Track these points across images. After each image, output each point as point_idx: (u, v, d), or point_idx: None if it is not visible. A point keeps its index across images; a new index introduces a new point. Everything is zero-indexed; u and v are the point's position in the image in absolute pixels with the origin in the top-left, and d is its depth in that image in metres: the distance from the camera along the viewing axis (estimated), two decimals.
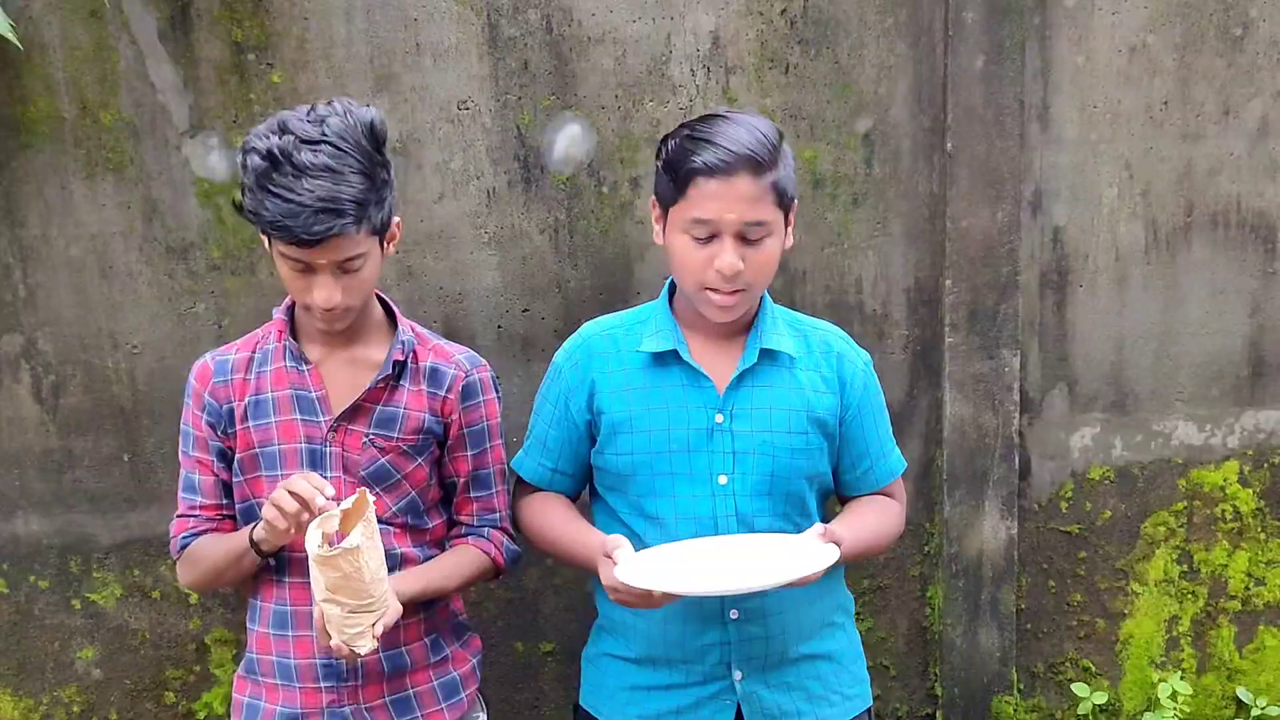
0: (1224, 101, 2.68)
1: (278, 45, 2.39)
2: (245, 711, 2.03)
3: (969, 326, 2.66)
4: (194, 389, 2.01)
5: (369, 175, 1.80)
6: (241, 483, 1.99)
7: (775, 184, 1.85)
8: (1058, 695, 2.93)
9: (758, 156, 1.83)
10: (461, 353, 2.07)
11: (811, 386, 2.00)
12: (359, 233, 1.80)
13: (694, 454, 1.96)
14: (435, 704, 2.05)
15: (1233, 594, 2.92)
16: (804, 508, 2.02)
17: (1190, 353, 2.79)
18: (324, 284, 1.83)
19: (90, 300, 2.42)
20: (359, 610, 1.75)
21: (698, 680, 2.00)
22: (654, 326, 2.02)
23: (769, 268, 1.92)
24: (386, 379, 1.97)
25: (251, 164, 1.76)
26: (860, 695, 2.12)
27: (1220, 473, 2.86)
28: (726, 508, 1.96)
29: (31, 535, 2.47)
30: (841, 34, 2.54)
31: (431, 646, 2.05)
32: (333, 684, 1.98)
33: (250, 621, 2.05)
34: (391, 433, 1.98)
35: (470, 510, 2.10)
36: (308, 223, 1.73)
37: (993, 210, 2.62)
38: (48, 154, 2.35)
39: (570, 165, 2.53)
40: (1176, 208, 2.72)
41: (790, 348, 2.00)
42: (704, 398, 1.97)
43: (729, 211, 1.83)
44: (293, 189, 1.73)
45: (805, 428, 1.98)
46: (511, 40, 2.46)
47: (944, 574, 2.77)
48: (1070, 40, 2.62)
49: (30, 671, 2.51)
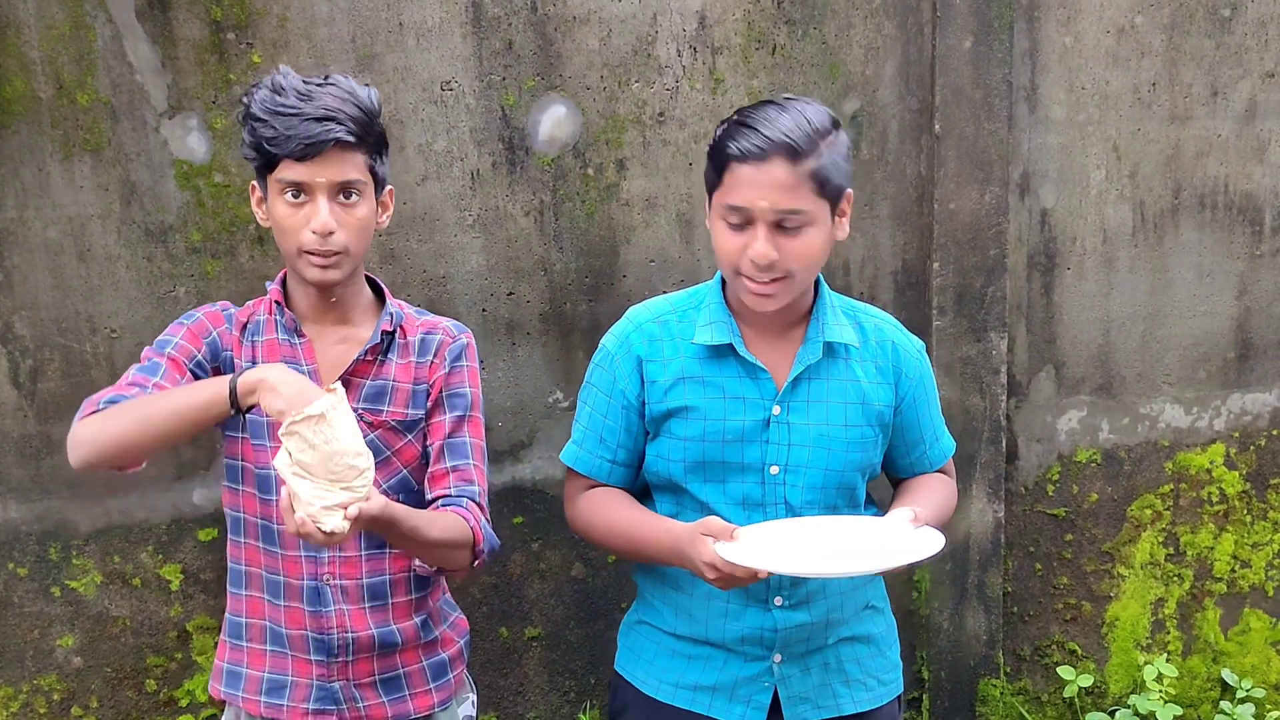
0: (1212, 83, 2.67)
1: (257, 24, 2.35)
2: (226, 678, 2.01)
3: (956, 309, 2.65)
4: (200, 321, 1.97)
5: (368, 117, 1.86)
6: (235, 439, 1.96)
7: (815, 172, 1.80)
8: (1044, 678, 2.93)
9: (794, 144, 1.78)
10: (447, 320, 2.06)
11: (868, 378, 1.98)
12: (357, 152, 1.84)
13: (747, 444, 1.93)
14: (424, 684, 2.04)
15: (1218, 576, 2.93)
16: (853, 498, 2.01)
17: (1177, 335, 2.79)
18: (322, 209, 1.83)
19: (68, 283, 2.38)
20: (330, 485, 1.67)
21: (738, 660, 1.98)
22: (708, 316, 1.97)
23: (810, 258, 1.86)
24: (375, 349, 1.95)
25: (257, 96, 1.82)
26: (894, 681, 2.10)
27: (1206, 455, 2.87)
28: (775, 496, 1.93)
29: (10, 522, 2.44)
30: (829, 14, 2.52)
31: (421, 627, 2.03)
32: (323, 658, 1.96)
33: (235, 586, 2.01)
34: (381, 406, 1.95)
35: (446, 482, 2.01)
36: (308, 128, 1.79)
37: (980, 192, 2.60)
38: (24, 135, 2.31)
39: (555, 147, 2.50)
40: (1164, 190, 2.71)
41: (851, 339, 1.97)
42: (761, 390, 1.93)
43: (761, 199, 1.79)
44: (296, 106, 1.80)
45: (861, 421, 1.96)
46: (496, 20, 2.42)
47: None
48: (1058, 21, 2.60)
49: (9, 660, 2.48)
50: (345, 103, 1.83)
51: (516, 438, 2.61)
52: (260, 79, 1.86)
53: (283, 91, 1.81)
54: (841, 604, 1.99)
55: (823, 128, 1.82)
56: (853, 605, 2.01)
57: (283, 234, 1.88)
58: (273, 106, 1.80)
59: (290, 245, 1.87)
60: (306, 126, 1.79)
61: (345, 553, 1.95)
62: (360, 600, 1.96)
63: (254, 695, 1.98)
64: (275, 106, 1.80)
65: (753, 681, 1.98)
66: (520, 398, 2.58)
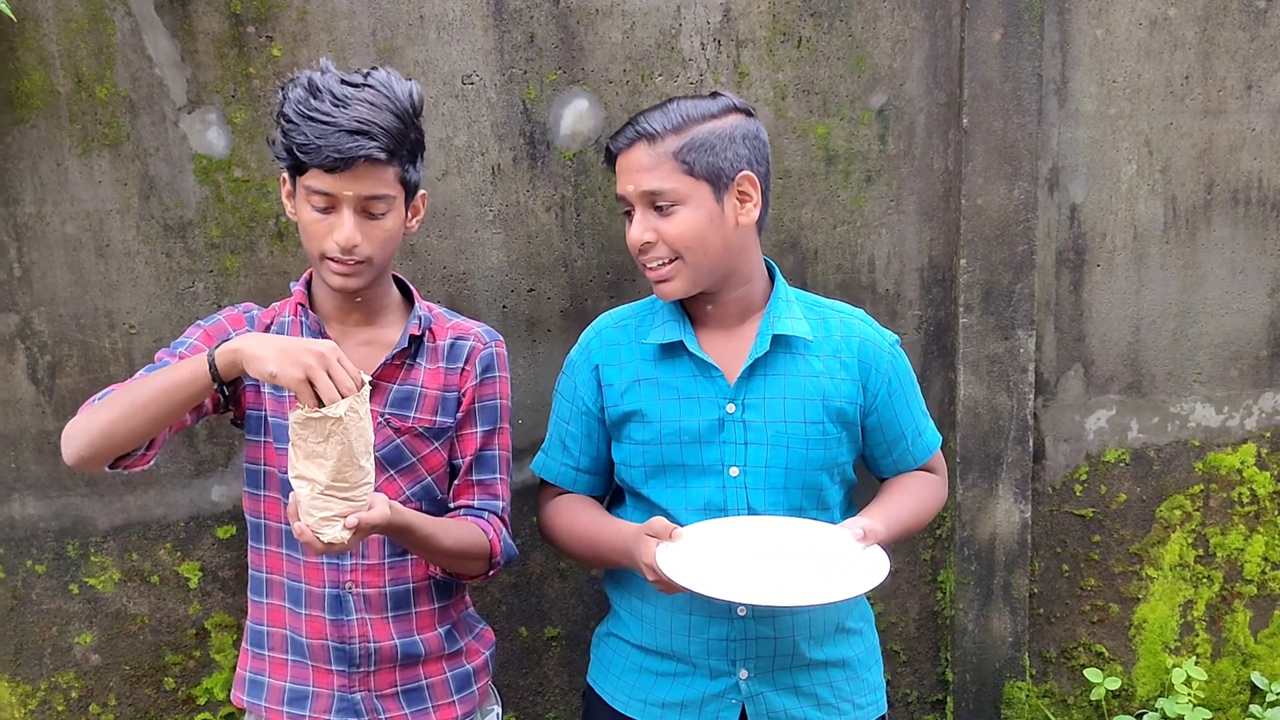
0: (1246, 76, 2.62)
1: (277, 17, 2.33)
2: (248, 686, 2.00)
3: (984, 306, 2.61)
4: (219, 323, 1.94)
5: (404, 125, 1.81)
6: (256, 443, 1.93)
7: (679, 152, 1.88)
8: (1070, 680, 2.89)
9: (650, 129, 1.90)
10: (479, 325, 2.03)
11: (828, 373, 1.95)
12: (388, 167, 1.80)
13: (705, 445, 1.92)
14: (447, 696, 2.01)
15: (1248, 578, 2.88)
16: (821, 500, 1.97)
17: (1209, 333, 2.74)
18: (346, 222, 1.79)
19: (87, 279, 2.36)
20: (330, 493, 1.63)
21: (704, 675, 1.96)
22: (662, 317, 1.98)
23: (688, 238, 1.89)
24: (403, 353, 1.92)
25: (291, 95, 1.78)
26: (874, 704, 2.07)
27: (1237, 455, 2.82)
28: (738, 500, 1.92)
29: (28, 518, 2.43)
30: (855, 6, 2.48)
31: (446, 637, 2.00)
32: (344, 668, 1.94)
33: (256, 594, 2.00)
34: (408, 412, 1.92)
35: (471, 495, 2.01)
36: (339, 140, 1.74)
37: (1009, 187, 2.56)
38: (42, 129, 2.30)
39: (577, 141, 2.47)
40: (1196, 185, 2.67)
41: (804, 331, 1.94)
42: (714, 388, 1.92)
43: (629, 183, 1.92)
44: (330, 114, 1.75)
45: (820, 417, 1.93)
46: (517, 12, 2.39)
47: (956, 558, 2.73)
48: (1090, 13, 2.56)
49: (28, 657, 2.47)
50: (381, 112, 1.77)
51: (537, 435, 2.57)
52: (298, 73, 1.81)
53: (318, 94, 1.76)
54: (810, 622, 1.96)
55: (698, 113, 1.88)
56: (823, 624, 1.98)
57: (308, 237, 1.85)
58: (306, 110, 1.75)
59: (314, 250, 1.84)
60: (338, 139, 1.74)
61: (367, 560, 1.93)
62: (383, 609, 1.94)
63: (276, 705, 1.96)
64: (309, 111, 1.75)
65: (719, 699, 1.96)
66: (541, 395, 2.55)
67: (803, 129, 2.51)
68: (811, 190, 2.54)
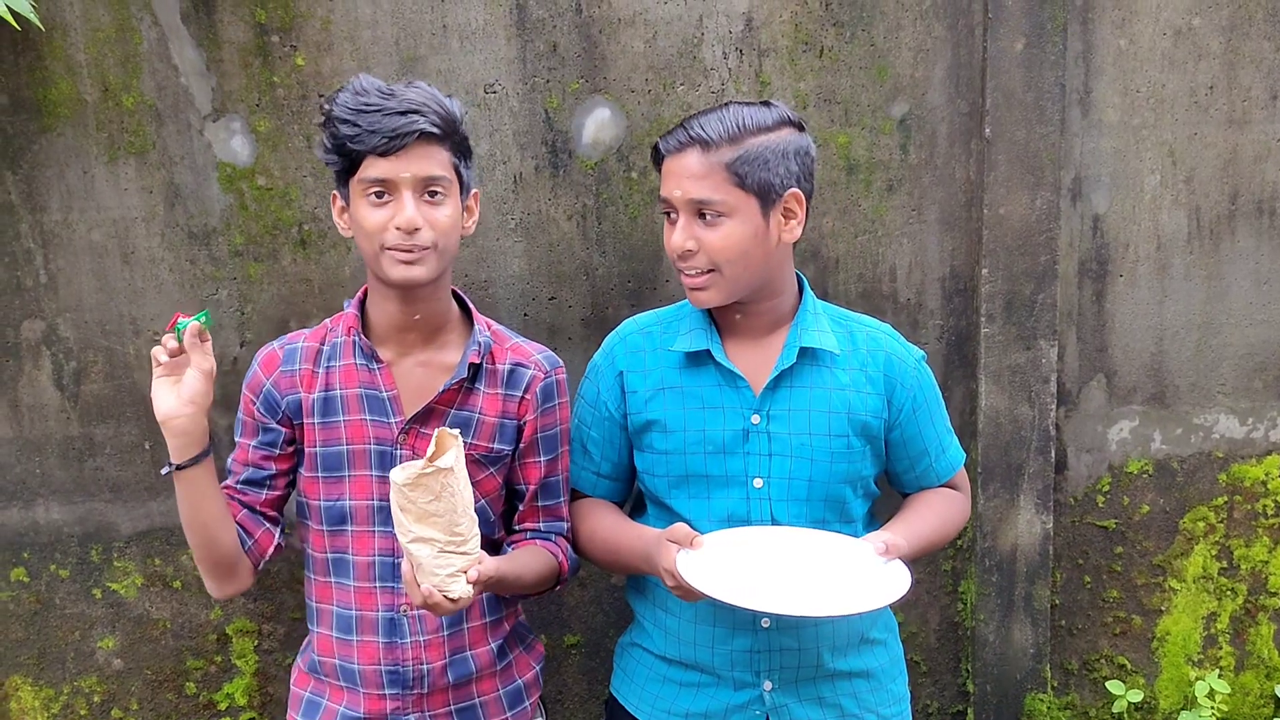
0: (1271, 86, 2.61)
1: (301, 27, 2.34)
2: (305, 707, 1.98)
3: (1005, 316, 2.60)
4: (255, 376, 1.93)
5: (452, 117, 1.83)
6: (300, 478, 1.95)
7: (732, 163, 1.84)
8: (1092, 693, 2.87)
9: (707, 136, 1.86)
10: (540, 352, 1.99)
11: (854, 387, 1.94)
12: (441, 148, 1.81)
13: (729, 456, 1.91)
14: (500, 713, 2.00)
15: (1273, 591, 2.86)
16: (844, 513, 1.96)
17: (1233, 344, 2.73)
18: (407, 203, 1.78)
19: (112, 286, 2.38)
20: (450, 549, 1.66)
21: (728, 686, 1.95)
22: (689, 325, 1.96)
23: (730, 251, 1.85)
24: (461, 381, 1.90)
25: (339, 100, 1.80)
26: (898, 714, 2.06)
27: (1262, 467, 2.80)
28: (761, 511, 1.91)
29: (52, 523, 2.45)
30: (878, 15, 2.48)
31: (497, 653, 1.99)
32: (398, 691, 1.93)
33: (310, 623, 2.00)
34: (466, 438, 1.88)
35: (536, 519, 2.01)
36: (391, 120, 1.75)
37: (1031, 197, 2.55)
38: (69, 137, 2.32)
39: (599, 150, 2.48)
40: (1221, 195, 2.65)
41: (831, 344, 1.93)
42: (740, 398, 1.91)
43: (676, 188, 1.86)
44: (380, 104, 1.77)
45: (845, 430, 1.92)
46: (540, 22, 2.40)
47: (977, 569, 2.72)
48: (1113, 23, 2.55)
49: (50, 661, 2.49)
50: (430, 99, 1.80)
51: None
52: (339, 87, 1.84)
53: (364, 92, 1.79)
54: (833, 633, 1.95)
55: (754, 124, 1.83)
56: (846, 635, 1.97)
57: (366, 236, 1.81)
58: (355, 105, 1.77)
59: (373, 245, 1.81)
60: (390, 120, 1.75)
61: None
62: (438, 629, 1.92)
63: None
64: (358, 105, 1.77)
65: (744, 710, 1.95)
66: None
67: (824, 138, 2.51)
68: (833, 199, 2.54)
